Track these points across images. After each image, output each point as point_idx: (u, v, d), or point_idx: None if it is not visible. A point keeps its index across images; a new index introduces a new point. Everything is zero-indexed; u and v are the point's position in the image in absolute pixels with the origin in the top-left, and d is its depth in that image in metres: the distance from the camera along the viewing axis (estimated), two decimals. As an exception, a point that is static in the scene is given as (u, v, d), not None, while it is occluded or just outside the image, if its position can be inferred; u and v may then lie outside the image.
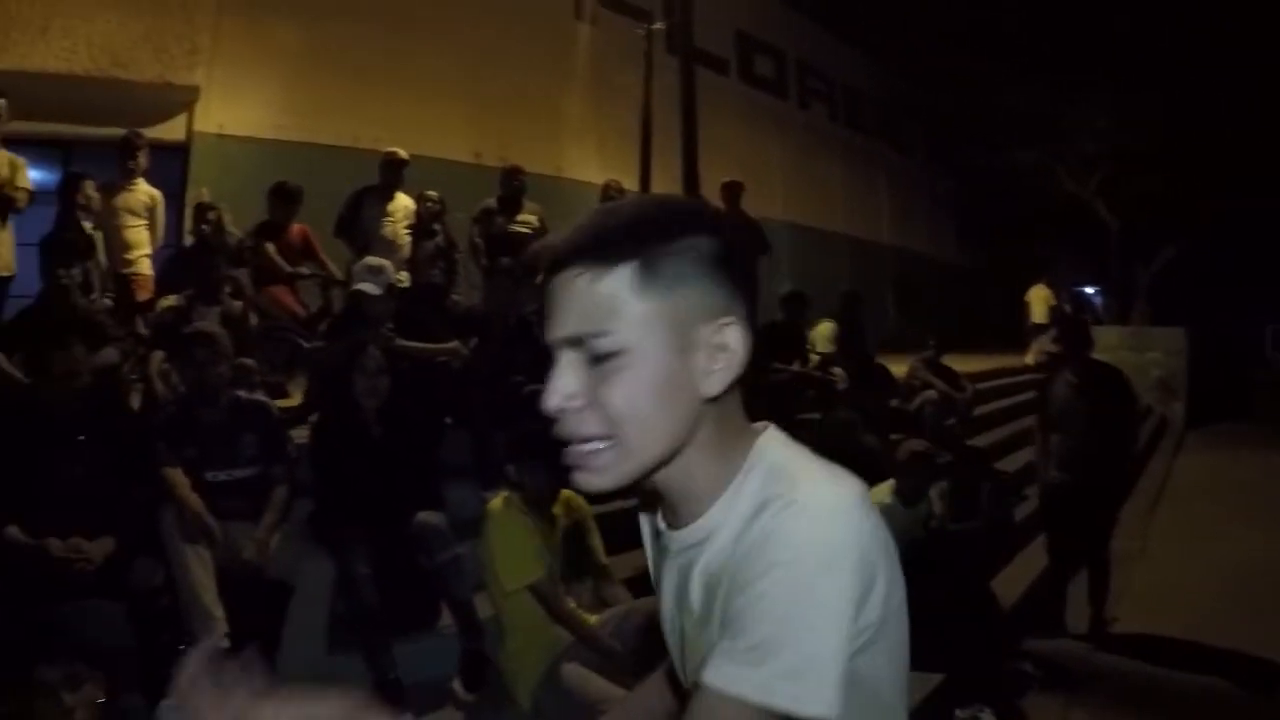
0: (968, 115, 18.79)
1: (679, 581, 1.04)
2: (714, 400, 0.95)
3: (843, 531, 0.88)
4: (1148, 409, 5.36)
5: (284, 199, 6.61)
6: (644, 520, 1.18)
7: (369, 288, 4.66)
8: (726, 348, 0.94)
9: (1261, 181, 17.34)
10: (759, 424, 1.03)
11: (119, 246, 6.20)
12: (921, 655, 3.41)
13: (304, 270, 6.54)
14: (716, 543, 0.97)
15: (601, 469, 0.94)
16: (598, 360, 0.91)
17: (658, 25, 10.31)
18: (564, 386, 0.93)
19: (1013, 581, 5.64)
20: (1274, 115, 16.05)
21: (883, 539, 0.92)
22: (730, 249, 0.96)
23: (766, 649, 0.84)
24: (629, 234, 0.93)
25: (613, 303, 0.91)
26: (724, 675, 0.86)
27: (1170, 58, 16.11)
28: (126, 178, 6.33)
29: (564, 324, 0.93)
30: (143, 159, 6.36)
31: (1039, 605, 5.54)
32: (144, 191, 6.40)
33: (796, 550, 0.86)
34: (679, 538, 1.02)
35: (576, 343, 0.92)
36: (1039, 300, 15.43)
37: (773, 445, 1.00)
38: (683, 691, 1.14)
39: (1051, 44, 17.07)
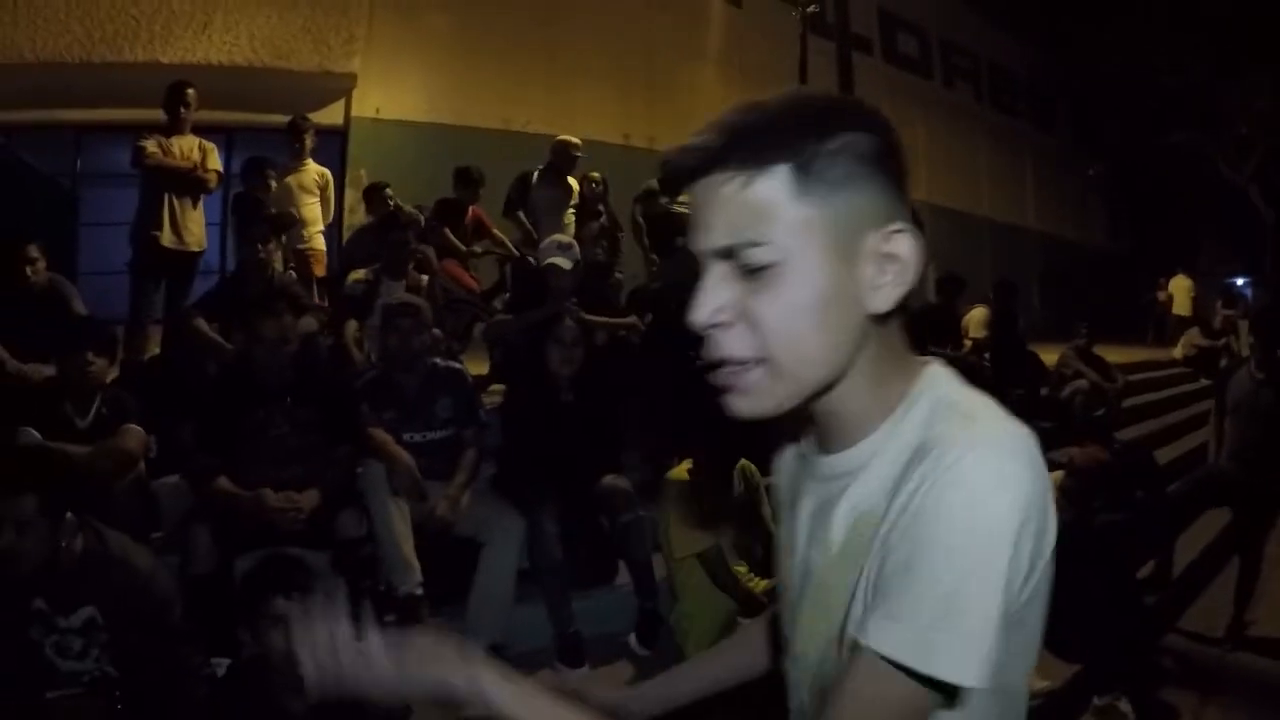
0: (1119, 96, 18.07)
1: (817, 511, 0.96)
2: (881, 319, 0.87)
3: (1012, 500, 0.78)
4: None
5: (466, 182, 6.97)
6: (784, 444, 1.10)
7: (562, 262, 4.86)
8: (897, 257, 0.85)
9: None
10: (922, 359, 0.94)
11: (298, 221, 6.59)
12: (1063, 643, 3.50)
13: (477, 249, 6.89)
14: (871, 476, 0.89)
15: (753, 392, 0.86)
16: (751, 273, 0.83)
17: (813, 8, 10.24)
18: (713, 300, 0.85)
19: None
20: None
21: (1050, 509, 0.83)
22: (892, 147, 0.86)
23: (932, 618, 0.77)
24: (782, 131, 0.83)
25: (768, 209, 0.82)
26: (888, 640, 0.79)
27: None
28: (296, 159, 6.69)
29: (712, 234, 0.84)
30: (309, 140, 6.71)
31: (1181, 601, 5.46)
32: (315, 171, 6.76)
33: (966, 519, 0.77)
34: (828, 464, 0.95)
35: (727, 254, 0.84)
36: (1181, 291, 14.79)
37: (941, 377, 0.92)
38: (778, 635, 1.12)
39: (1207, 22, 16.26)
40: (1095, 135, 20.07)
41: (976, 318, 7.72)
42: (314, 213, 6.71)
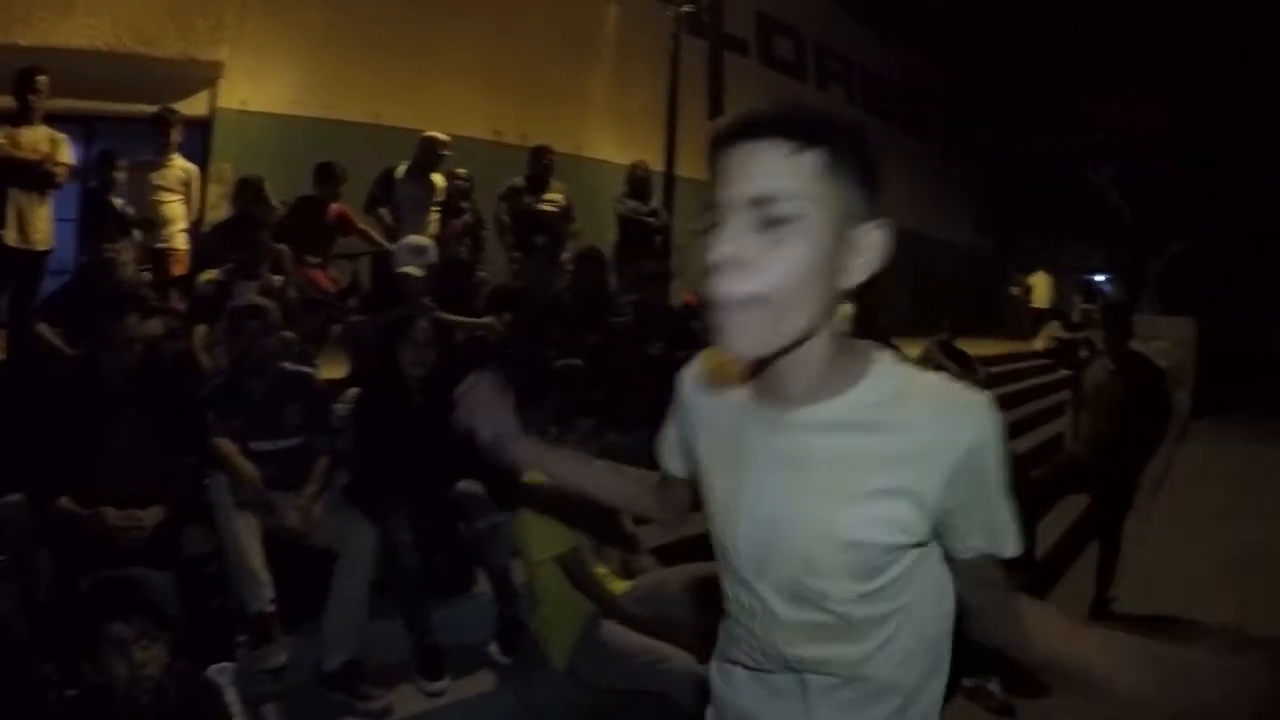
0: (986, 101, 18.76)
1: (784, 456, 1.16)
2: (845, 295, 1.09)
3: (997, 422, 1.11)
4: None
5: (328, 178, 6.73)
6: (709, 393, 1.30)
7: (412, 270, 4.76)
8: (872, 248, 1.07)
9: (1275, 174, 17.32)
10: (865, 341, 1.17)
11: (155, 221, 6.29)
12: None
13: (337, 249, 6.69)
14: (845, 427, 1.11)
15: (751, 331, 1.03)
16: (773, 223, 1.01)
17: (687, 7, 10.28)
18: (734, 239, 1.02)
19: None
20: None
21: None
22: (879, 164, 1.09)
23: (1009, 514, 1.14)
24: (827, 124, 1.04)
25: (805, 175, 1.01)
26: (1011, 545, 1.16)
27: (1187, 48, 16.07)
28: (161, 153, 6.41)
29: (754, 183, 1.02)
30: (176, 135, 6.43)
31: (1045, 582, 5.70)
32: (179, 167, 6.48)
33: (997, 446, 1.10)
34: (793, 417, 1.14)
35: (761, 203, 1.01)
36: (1042, 286, 15.52)
37: (887, 357, 1.16)
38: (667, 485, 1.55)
39: (1071, 31, 17.01)
40: (963, 140, 20.79)
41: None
42: (176, 211, 6.44)
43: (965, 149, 20.63)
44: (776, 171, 1.01)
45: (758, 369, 1.16)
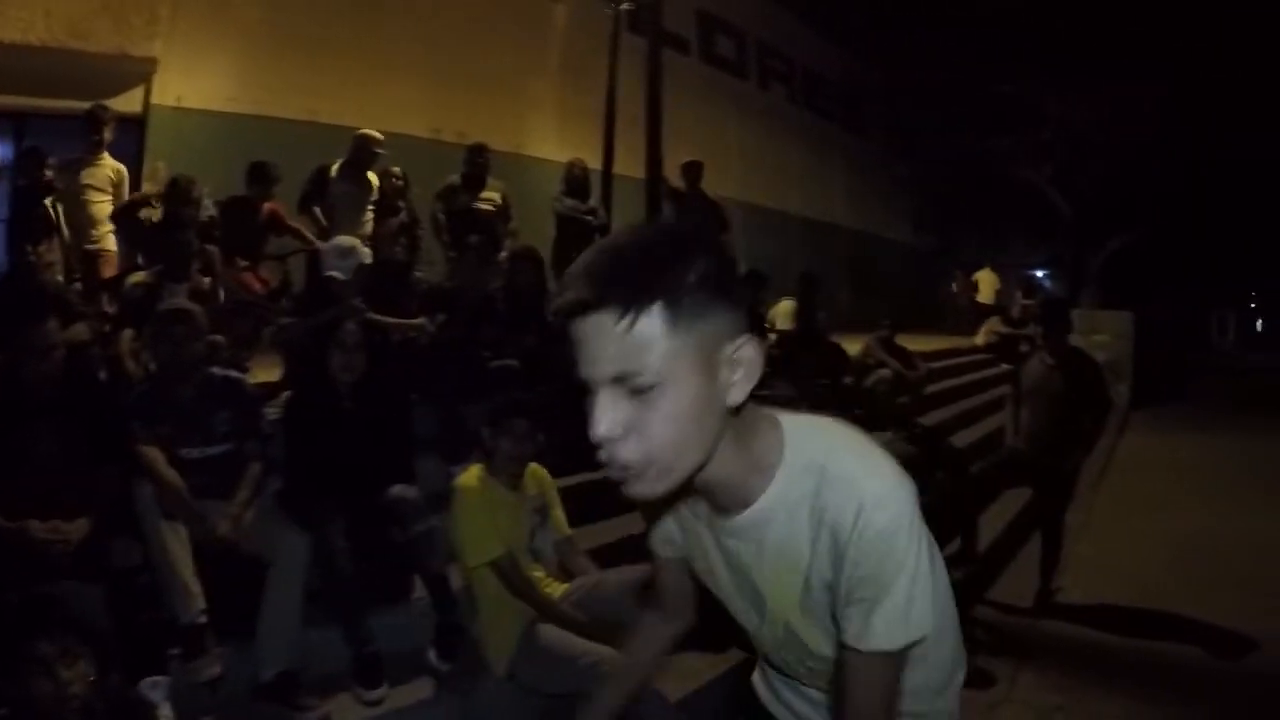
0: (926, 101, 18.99)
1: (746, 552, 1.25)
2: (737, 408, 1.10)
3: (910, 509, 1.12)
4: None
5: (261, 178, 6.61)
6: (673, 509, 1.37)
7: (338, 274, 4.68)
8: (745, 362, 1.07)
9: (1211, 173, 17.75)
10: (769, 411, 1.20)
11: (84, 222, 6.15)
12: None
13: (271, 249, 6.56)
14: (775, 529, 1.18)
15: (648, 481, 1.07)
16: (637, 392, 1.02)
17: (626, 5, 10.27)
18: (608, 418, 1.03)
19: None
20: (1225, 107, 16.41)
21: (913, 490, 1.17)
22: (729, 266, 1.09)
23: (898, 606, 1.12)
24: (651, 277, 1.01)
25: (647, 342, 1.00)
26: (872, 639, 1.13)
27: (1127, 49, 16.40)
28: (92, 152, 6.26)
29: (603, 364, 1.02)
30: (108, 133, 6.28)
31: (989, 574, 5.78)
32: (109, 166, 6.35)
33: (889, 529, 1.10)
34: (736, 524, 1.22)
35: (619, 380, 1.02)
36: (985, 283, 15.78)
37: (798, 438, 1.18)
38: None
39: (1011, 32, 17.26)
40: (903, 138, 21.04)
41: (783, 310, 7.96)
42: (104, 211, 6.29)
43: (905, 147, 20.87)
44: (618, 349, 1.01)
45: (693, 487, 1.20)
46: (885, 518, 1.10)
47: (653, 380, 1.01)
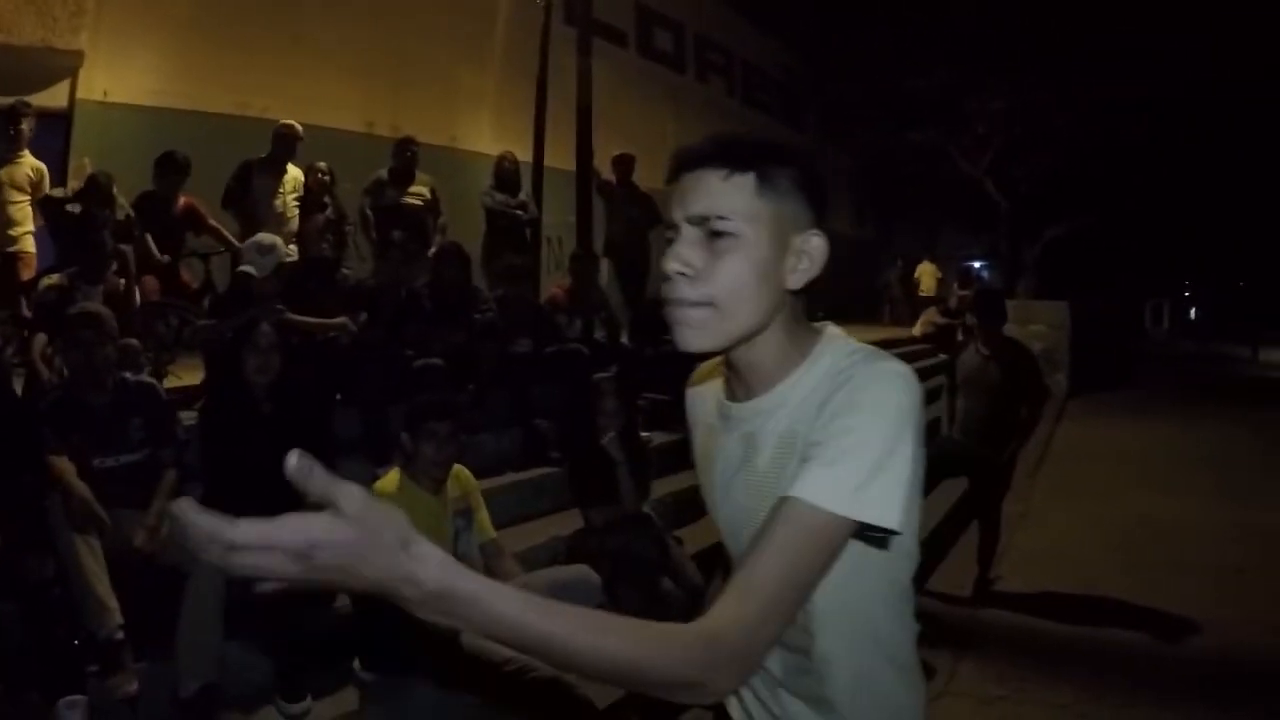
0: (863, 94, 19.13)
1: (743, 448, 1.25)
2: (794, 293, 1.19)
3: (913, 397, 1.11)
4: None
5: (170, 170, 6.39)
6: (701, 399, 1.41)
7: (254, 270, 4.57)
8: (810, 253, 1.19)
9: (1144, 164, 18.10)
10: (823, 325, 1.27)
11: (1, 223, 5.94)
12: None
13: (166, 258, 6.35)
14: (792, 407, 1.19)
15: (701, 327, 1.14)
16: (714, 236, 1.14)
17: (553, -2, 10.19)
18: (684, 254, 1.15)
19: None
20: (1158, 97, 16.71)
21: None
22: (819, 179, 1.21)
23: (856, 471, 1.05)
24: (756, 150, 1.17)
25: (737, 196, 1.14)
26: (813, 489, 1.04)
27: (1061, 42, 16.65)
28: (10, 149, 6.06)
29: (696, 205, 1.15)
30: (27, 129, 6.08)
31: (926, 565, 5.82)
32: (29, 165, 6.18)
33: (881, 399, 1.10)
34: (750, 407, 1.25)
35: (702, 221, 1.14)
36: (927, 274, 15.96)
37: (836, 336, 1.24)
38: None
39: (947, 26, 17.44)
40: (841, 132, 21.16)
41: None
42: (24, 212, 6.12)
43: (843, 140, 21.02)
44: (714, 193, 1.14)
45: (729, 369, 1.28)
46: (887, 385, 1.11)
47: (732, 229, 1.13)
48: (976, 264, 24.21)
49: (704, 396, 1.41)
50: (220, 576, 3.26)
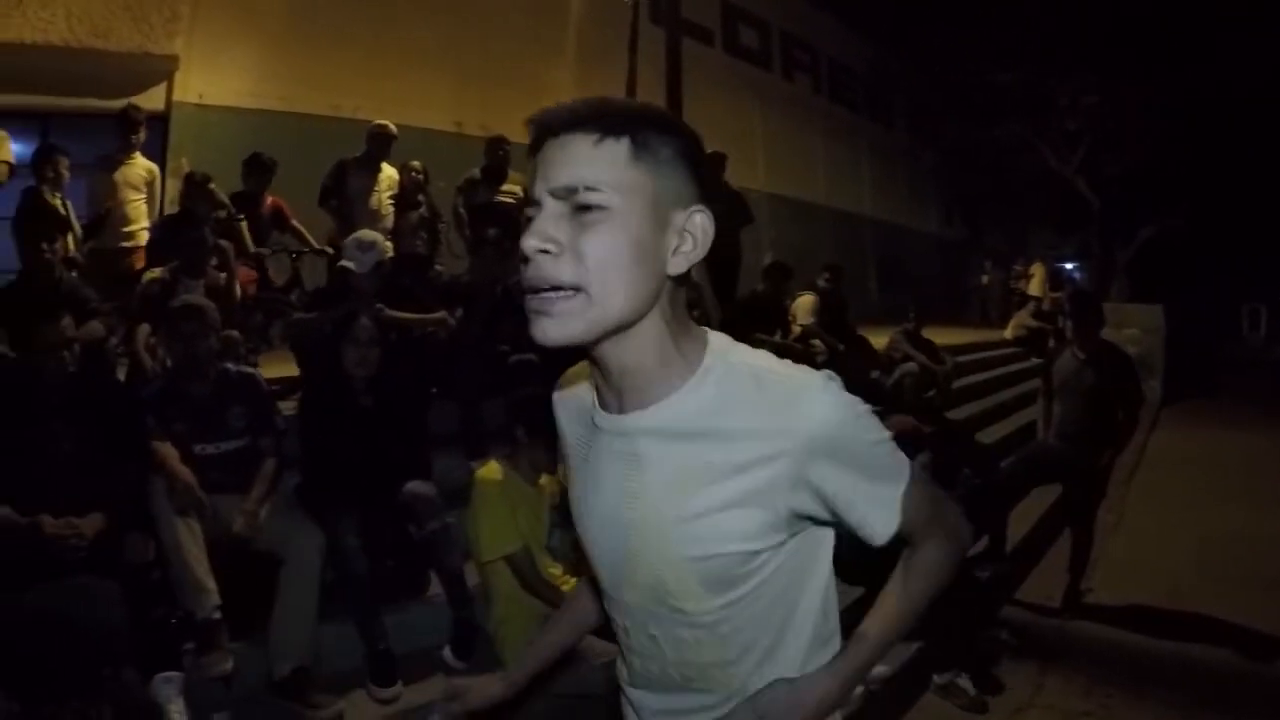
0: (951, 90, 18.78)
1: (623, 465, 1.14)
2: (675, 281, 1.08)
3: (852, 395, 1.10)
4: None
5: (258, 170, 6.64)
6: (567, 406, 1.29)
7: (356, 265, 4.65)
8: (694, 233, 1.06)
9: (1242, 163, 17.44)
10: (702, 327, 1.15)
11: (118, 220, 6.23)
12: None
13: (265, 250, 6.57)
14: (682, 432, 1.09)
15: (566, 316, 1.02)
16: (581, 210, 1.01)
17: (644, -5, 10.21)
18: (545, 229, 1.02)
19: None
20: (1256, 96, 16.11)
21: None
22: (701, 154, 1.09)
23: (897, 490, 1.13)
24: (629, 115, 1.04)
25: (610, 164, 1.01)
26: (893, 523, 1.13)
27: (1154, 36, 16.14)
28: (126, 152, 6.34)
29: (559, 175, 1.02)
30: (141, 133, 6.33)
31: (1017, 574, 5.67)
32: (143, 165, 6.46)
33: (834, 421, 1.07)
34: (629, 422, 1.12)
35: (569, 192, 1.02)
36: (1038, 275, 15.62)
37: (726, 347, 1.13)
38: (599, 590, 1.29)
39: (1036, 19, 17.01)
40: (929, 127, 20.77)
41: (804, 305, 7.83)
42: (138, 210, 6.37)
43: (932, 137, 20.63)
44: (582, 161, 1.02)
45: (599, 371, 1.14)
46: (836, 399, 1.07)
47: (601, 200, 1.01)
48: (1068, 265, 23.60)
49: (571, 403, 1.28)
50: (315, 563, 3.35)
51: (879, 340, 7.89)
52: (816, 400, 1.06)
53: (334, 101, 9.58)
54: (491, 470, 3.45)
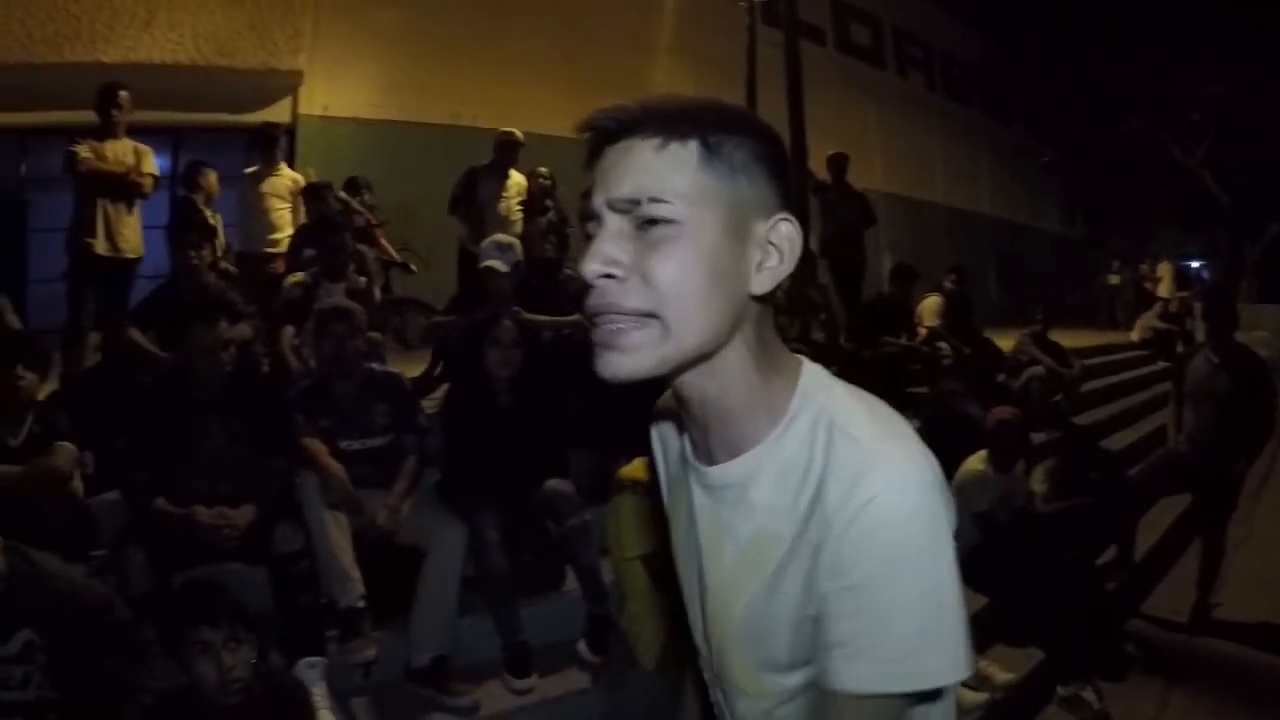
0: (1070, 84, 18.23)
1: (708, 522, 1.02)
2: (759, 300, 0.94)
3: (939, 506, 0.88)
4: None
5: (350, 190, 7.09)
6: (664, 439, 1.18)
7: (498, 264, 4.76)
8: (779, 245, 0.93)
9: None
10: (795, 355, 1.00)
11: (265, 228, 6.58)
12: (1025, 631, 3.49)
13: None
14: (761, 493, 0.95)
15: (637, 349, 0.89)
16: (649, 224, 0.88)
17: (760, -2, 10.20)
18: (607, 251, 0.89)
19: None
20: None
21: (949, 500, 0.91)
22: (784, 157, 0.96)
23: (898, 645, 0.86)
24: (696, 114, 0.90)
25: (677, 171, 0.88)
26: (862, 679, 0.87)
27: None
28: (270, 164, 6.69)
29: (620, 186, 0.89)
30: (281, 146, 6.69)
31: (1144, 585, 5.49)
32: (288, 175, 6.82)
33: (904, 540, 0.85)
34: (714, 474, 0.99)
35: (631, 204, 0.88)
36: (1166, 276, 15.06)
37: (816, 386, 0.97)
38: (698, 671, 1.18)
39: (1158, 9, 16.39)
40: (1048, 122, 20.21)
41: (930, 306, 7.70)
42: (284, 218, 6.69)
43: (1050, 133, 20.04)
44: (646, 169, 0.88)
45: (682, 406, 1.00)
46: (899, 503, 0.86)
47: (671, 214, 0.87)
48: (1195, 264, 22.64)
49: (670, 434, 1.15)
50: (457, 557, 3.44)
51: (1002, 342, 7.71)
52: (886, 489, 0.87)
53: (454, 110, 9.85)
54: (634, 469, 3.49)
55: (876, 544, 0.86)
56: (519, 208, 7.02)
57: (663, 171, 0.88)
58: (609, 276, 0.89)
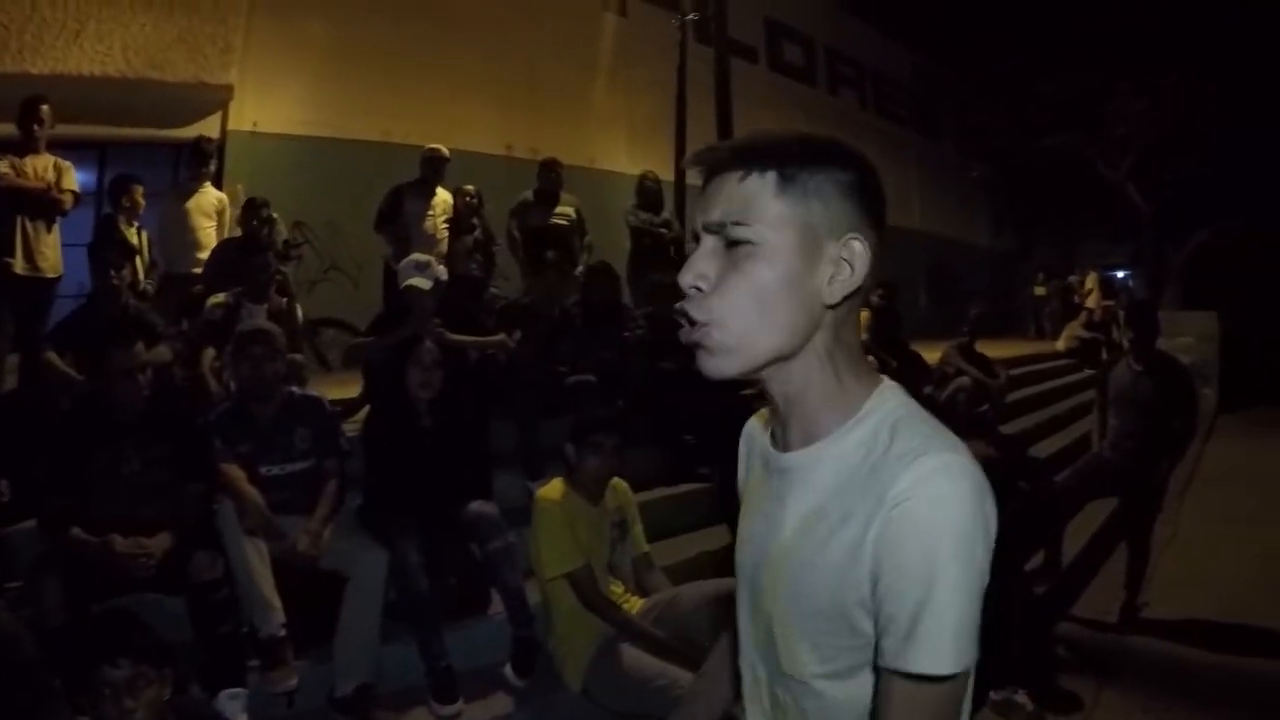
0: (998, 102, 18.64)
1: (772, 503, 1.12)
2: (833, 309, 1.04)
3: (982, 512, 0.95)
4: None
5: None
6: (751, 439, 1.27)
7: (419, 283, 4.72)
8: (850, 261, 1.03)
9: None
10: (878, 373, 1.10)
11: (189, 246, 6.43)
12: None
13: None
14: (821, 476, 1.04)
15: (720, 351, 1.03)
16: (732, 245, 1.02)
17: (692, 15, 10.27)
18: (698, 266, 1.04)
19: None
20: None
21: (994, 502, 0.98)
22: (865, 180, 1.05)
23: (957, 629, 0.93)
24: (774, 148, 1.03)
25: (755, 199, 1.01)
26: (934, 661, 0.93)
27: (1201, 40, 15.91)
28: (198, 181, 6.56)
29: (711, 211, 1.04)
30: (211, 163, 6.54)
31: (1072, 589, 5.59)
32: (213, 194, 6.67)
33: (952, 525, 0.93)
34: (786, 459, 1.10)
35: (719, 226, 1.03)
36: (1094, 285, 15.42)
37: (891, 394, 1.07)
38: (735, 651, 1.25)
39: (1082, 27, 16.85)
40: (977, 139, 20.61)
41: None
42: (209, 237, 6.55)
43: (979, 148, 20.46)
44: (728, 199, 1.03)
45: (770, 402, 1.13)
46: (954, 487, 0.94)
47: (750, 235, 1.01)
48: (1119, 273, 23.20)
49: (758, 437, 1.23)
50: (379, 581, 3.40)
51: (931, 355, 7.83)
52: (936, 475, 0.95)
53: (385, 127, 9.75)
54: (553, 489, 3.49)
55: (927, 524, 0.93)
56: (445, 225, 6.98)
57: (744, 199, 1.02)
58: (697, 288, 1.03)
